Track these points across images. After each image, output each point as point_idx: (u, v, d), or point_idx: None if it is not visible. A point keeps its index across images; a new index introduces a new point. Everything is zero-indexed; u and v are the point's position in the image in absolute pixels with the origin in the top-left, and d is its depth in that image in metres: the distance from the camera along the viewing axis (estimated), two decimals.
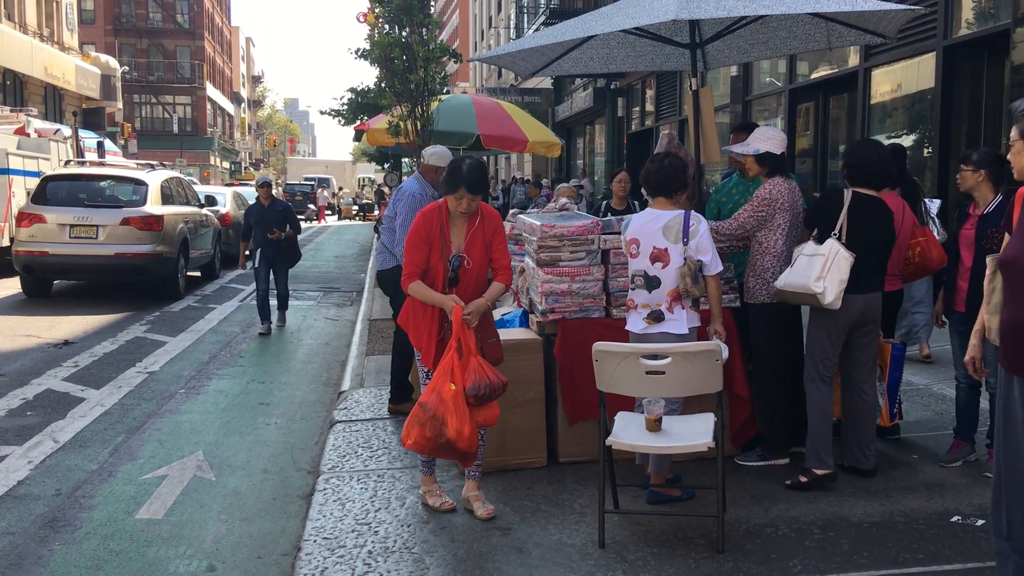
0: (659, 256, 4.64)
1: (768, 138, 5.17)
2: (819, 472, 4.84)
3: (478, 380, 4.27)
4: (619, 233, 5.26)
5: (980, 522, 4.36)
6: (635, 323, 4.74)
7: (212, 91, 61.40)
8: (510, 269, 4.61)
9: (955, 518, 4.44)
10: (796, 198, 5.10)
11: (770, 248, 5.06)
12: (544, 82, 29.16)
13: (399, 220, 6.30)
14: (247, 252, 10.88)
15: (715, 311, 4.73)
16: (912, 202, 5.70)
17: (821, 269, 4.67)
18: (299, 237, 10.76)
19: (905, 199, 5.53)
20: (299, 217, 12.88)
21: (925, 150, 10.51)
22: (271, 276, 10.52)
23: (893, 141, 10.60)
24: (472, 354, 4.32)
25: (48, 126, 19.91)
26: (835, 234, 4.76)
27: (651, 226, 4.68)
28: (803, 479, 4.86)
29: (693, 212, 4.68)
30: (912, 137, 10.87)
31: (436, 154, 6.41)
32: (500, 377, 4.35)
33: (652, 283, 4.66)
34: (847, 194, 4.87)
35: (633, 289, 4.76)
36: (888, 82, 11.35)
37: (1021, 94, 8.37)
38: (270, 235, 10.13)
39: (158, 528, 4.75)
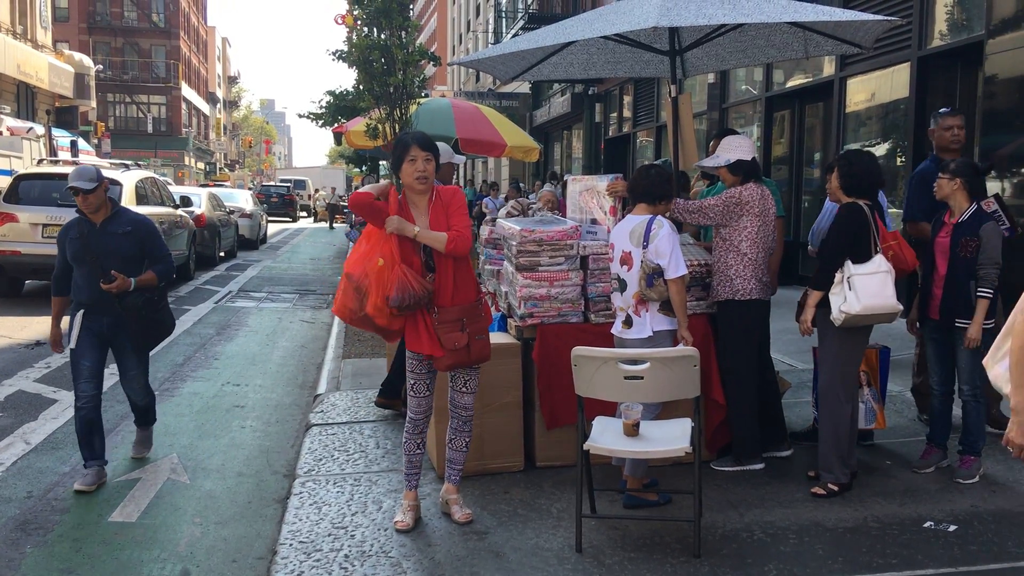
0: (625, 259, 4.73)
1: (735, 147, 5.22)
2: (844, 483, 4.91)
3: (401, 291, 4.17)
4: (598, 240, 5.35)
5: (952, 528, 4.41)
6: (616, 326, 4.87)
7: (187, 91, 60.96)
8: (464, 237, 4.29)
9: (928, 523, 4.48)
10: (767, 205, 5.14)
11: (734, 246, 5.11)
12: (522, 86, 29.20)
13: None
14: (60, 320, 5.83)
15: (679, 316, 4.70)
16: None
17: (892, 285, 4.71)
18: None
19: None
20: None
21: (899, 159, 10.62)
22: (110, 369, 5.61)
23: (868, 150, 10.71)
24: (396, 263, 4.22)
25: (21, 124, 19.70)
26: (878, 249, 4.77)
27: (622, 230, 4.79)
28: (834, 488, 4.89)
29: (658, 217, 4.71)
30: (886, 146, 10.99)
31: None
32: (425, 287, 4.23)
33: (622, 286, 4.78)
34: (866, 208, 4.81)
35: (612, 292, 4.90)
36: (863, 91, 11.47)
37: (993, 105, 8.49)
38: (103, 284, 5.21)
39: (131, 531, 4.70)
